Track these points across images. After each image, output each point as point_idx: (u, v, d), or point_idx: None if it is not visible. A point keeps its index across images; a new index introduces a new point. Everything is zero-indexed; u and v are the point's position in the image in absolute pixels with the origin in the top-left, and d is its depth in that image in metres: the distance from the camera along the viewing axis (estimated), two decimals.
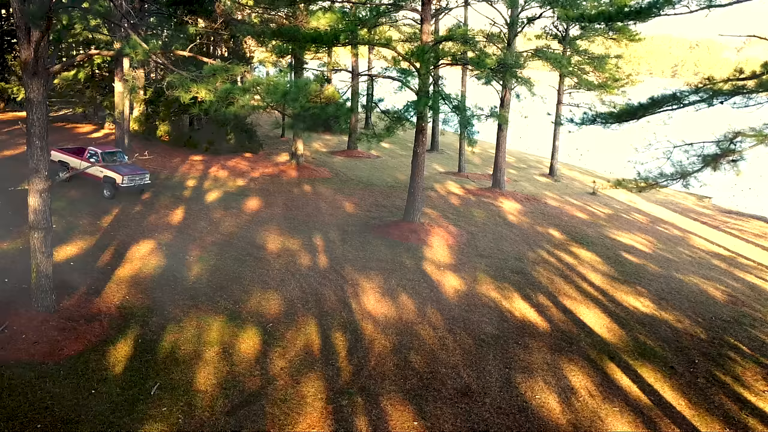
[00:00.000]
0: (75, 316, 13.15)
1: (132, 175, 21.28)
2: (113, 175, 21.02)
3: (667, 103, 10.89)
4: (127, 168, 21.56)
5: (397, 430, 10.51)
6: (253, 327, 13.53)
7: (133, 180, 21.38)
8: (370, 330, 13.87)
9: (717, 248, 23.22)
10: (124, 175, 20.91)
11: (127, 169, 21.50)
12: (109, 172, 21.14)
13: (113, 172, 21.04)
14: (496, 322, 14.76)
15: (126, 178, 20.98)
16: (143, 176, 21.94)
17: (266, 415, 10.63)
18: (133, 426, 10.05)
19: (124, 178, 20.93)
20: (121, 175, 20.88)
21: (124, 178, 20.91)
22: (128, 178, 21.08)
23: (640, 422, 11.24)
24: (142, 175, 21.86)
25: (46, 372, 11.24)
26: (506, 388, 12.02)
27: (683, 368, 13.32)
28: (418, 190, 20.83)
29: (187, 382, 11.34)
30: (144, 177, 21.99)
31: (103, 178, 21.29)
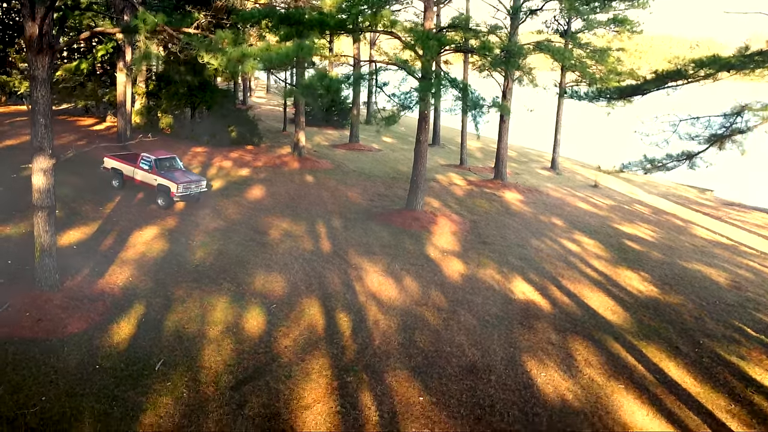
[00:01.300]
0: (78, 296, 13.13)
1: (188, 183, 19.62)
2: (168, 184, 19.37)
3: (672, 78, 10.88)
4: (182, 175, 19.99)
5: (403, 404, 10.49)
6: (256, 307, 13.50)
7: (189, 188, 19.66)
8: (374, 311, 13.84)
9: (719, 238, 23.19)
10: (179, 184, 19.25)
11: (182, 176, 19.89)
12: (163, 180, 19.53)
13: (168, 180, 19.41)
14: (500, 304, 14.73)
15: (181, 187, 19.29)
16: (199, 184, 20.16)
17: (271, 390, 10.60)
18: (137, 399, 10.02)
19: (179, 187, 19.24)
20: (176, 184, 19.22)
21: (179, 187, 19.22)
22: (183, 187, 19.37)
23: (645, 398, 11.21)
24: (198, 183, 20.09)
25: (50, 348, 11.21)
26: (511, 366, 12.00)
27: (688, 348, 13.29)
28: (421, 178, 20.81)
29: (192, 359, 11.32)
30: (200, 184, 20.20)
31: (156, 186, 19.73)
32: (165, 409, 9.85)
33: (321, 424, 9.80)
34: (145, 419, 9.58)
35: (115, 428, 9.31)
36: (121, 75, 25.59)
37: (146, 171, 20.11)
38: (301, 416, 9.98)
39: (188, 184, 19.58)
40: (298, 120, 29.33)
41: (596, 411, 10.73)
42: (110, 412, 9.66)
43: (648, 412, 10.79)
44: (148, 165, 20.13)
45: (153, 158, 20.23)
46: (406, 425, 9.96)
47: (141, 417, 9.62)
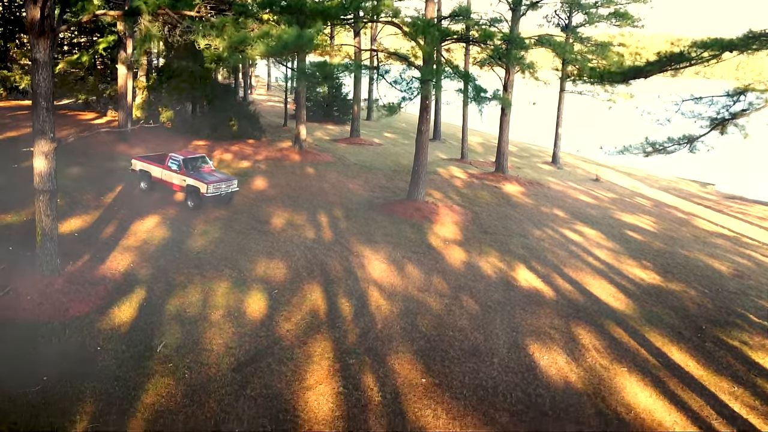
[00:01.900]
0: (80, 280, 13.09)
1: (218, 183, 18.77)
2: (197, 184, 18.52)
3: (675, 61, 10.84)
4: (212, 175, 19.19)
5: (405, 386, 10.45)
6: (258, 292, 13.47)
7: (219, 188, 18.80)
8: (376, 296, 13.81)
9: (721, 229, 23.15)
10: (209, 184, 18.38)
11: (212, 176, 19.11)
12: (192, 180, 18.67)
13: (197, 180, 18.56)
14: (503, 291, 14.69)
15: (211, 187, 18.41)
16: (230, 183, 19.36)
17: (273, 372, 10.56)
18: (139, 380, 9.99)
19: (209, 187, 18.37)
20: (205, 184, 18.35)
21: (209, 187, 18.35)
22: (213, 187, 18.51)
23: (648, 381, 11.17)
24: (228, 183, 19.28)
25: (52, 330, 11.18)
26: (514, 349, 11.96)
27: (690, 333, 13.25)
28: (422, 168, 20.78)
29: (193, 342, 11.29)
30: (231, 184, 19.41)
31: (186, 187, 18.92)
32: (166, 389, 9.82)
33: (323, 405, 9.77)
34: (147, 399, 9.55)
35: (117, 407, 9.27)
36: (122, 67, 25.57)
37: (175, 171, 19.29)
38: (303, 397, 9.95)
39: (218, 183, 18.78)
40: (299, 114, 29.31)
41: (599, 392, 10.70)
42: (112, 392, 9.63)
43: (651, 394, 10.75)
44: (177, 165, 19.29)
45: (181, 158, 19.41)
46: (409, 406, 9.92)
47: (142, 397, 9.58)
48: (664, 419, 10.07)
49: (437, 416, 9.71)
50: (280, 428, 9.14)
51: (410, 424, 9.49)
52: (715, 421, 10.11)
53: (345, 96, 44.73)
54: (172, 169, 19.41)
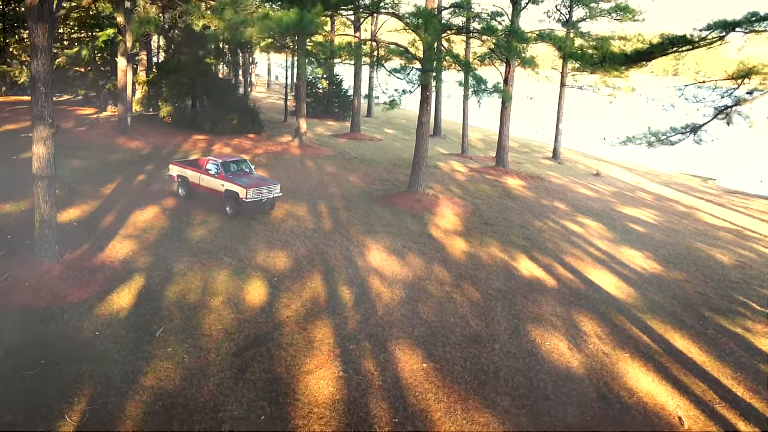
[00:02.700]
0: (78, 267, 13.02)
1: (258, 187, 17.45)
2: (235, 189, 17.25)
3: (679, 43, 10.76)
4: (251, 179, 17.97)
5: (406, 371, 10.37)
6: (258, 280, 13.39)
7: (260, 193, 17.45)
8: (377, 284, 13.73)
9: (723, 222, 23.07)
10: (248, 188, 17.12)
11: (251, 180, 17.87)
12: (230, 185, 17.42)
13: (235, 185, 17.32)
14: (504, 279, 14.62)
15: (250, 192, 17.11)
16: (272, 188, 17.97)
17: (273, 357, 10.48)
18: (138, 364, 9.91)
19: (249, 192, 17.06)
20: (245, 188, 17.10)
21: (248, 192, 17.05)
22: (253, 192, 17.19)
23: (650, 366, 11.09)
24: (270, 187, 17.89)
25: (50, 315, 11.11)
26: (515, 335, 11.88)
27: (693, 321, 13.17)
28: (423, 160, 20.71)
29: (192, 327, 11.21)
30: (273, 189, 17.99)
31: (224, 192, 17.60)
32: (165, 373, 9.74)
33: (323, 388, 9.69)
34: (146, 381, 9.47)
35: (116, 390, 9.19)
36: (121, 60, 25.50)
37: (212, 176, 18.03)
38: (303, 381, 9.87)
39: (259, 188, 17.43)
40: (300, 107, 29.25)
41: (602, 377, 10.61)
42: (110, 375, 9.55)
43: (654, 379, 10.67)
44: (215, 169, 18.05)
45: (219, 161, 18.26)
46: (410, 390, 9.84)
47: (141, 379, 9.50)
48: (666, 403, 9.99)
49: (438, 399, 9.63)
50: (279, 411, 9.07)
51: (411, 407, 9.41)
52: (718, 405, 10.03)
53: (345, 92, 44.68)
54: (210, 173, 18.15)
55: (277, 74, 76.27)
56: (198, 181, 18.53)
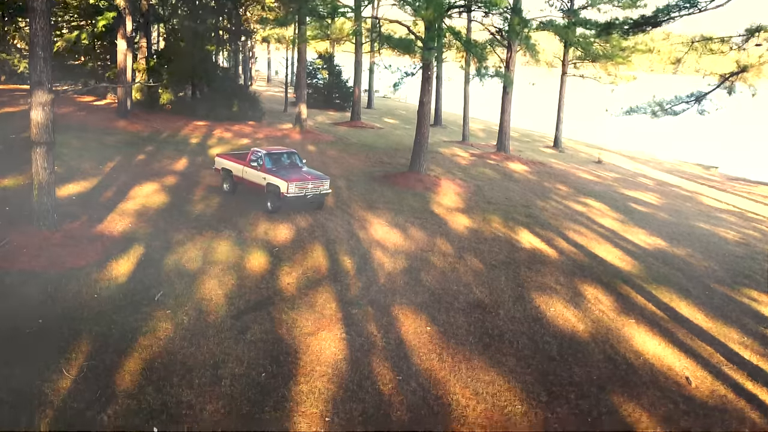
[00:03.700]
0: (77, 236, 12.88)
1: (302, 181, 15.65)
2: (277, 183, 15.51)
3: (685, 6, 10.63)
4: (297, 173, 16.19)
5: (410, 333, 10.23)
6: (259, 250, 13.25)
7: (304, 188, 15.65)
8: (379, 254, 13.59)
9: (725, 206, 22.94)
10: (290, 182, 15.32)
11: (297, 173, 16.09)
12: (273, 178, 15.68)
13: (278, 178, 15.58)
14: (507, 252, 14.48)
15: (293, 186, 15.31)
16: (319, 184, 16.08)
17: (274, 320, 10.34)
18: (136, 324, 9.76)
19: (290, 186, 15.27)
20: (286, 182, 15.33)
21: (290, 186, 15.26)
22: (296, 186, 15.40)
23: (656, 331, 10.95)
24: (317, 183, 16.03)
25: (48, 280, 10.95)
26: (519, 302, 11.74)
27: (698, 291, 13.04)
28: (424, 140, 20.57)
29: (192, 292, 11.06)
30: (321, 185, 16.12)
31: (266, 186, 15.90)
32: (164, 333, 9.59)
33: (325, 349, 9.54)
34: (144, 341, 9.32)
35: (114, 347, 9.05)
36: (121, 42, 25.35)
37: (255, 168, 16.39)
38: (305, 341, 9.72)
39: (303, 182, 15.67)
40: (300, 93, 29.12)
41: (608, 340, 10.47)
42: (108, 334, 9.41)
43: (660, 343, 10.54)
44: (258, 161, 16.42)
45: (263, 152, 16.58)
46: (414, 351, 9.70)
47: (140, 339, 9.36)
48: (673, 364, 9.85)
49: (443, 360, 9.49)
50: (281, 369, 8.92)
51: (415, 366, 9.27)
52: (725, 367, 9.89)
53: (345, 82, 44.52)
54: (252, 166, 16.51)
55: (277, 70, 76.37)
56: (241, 174, 16.90)
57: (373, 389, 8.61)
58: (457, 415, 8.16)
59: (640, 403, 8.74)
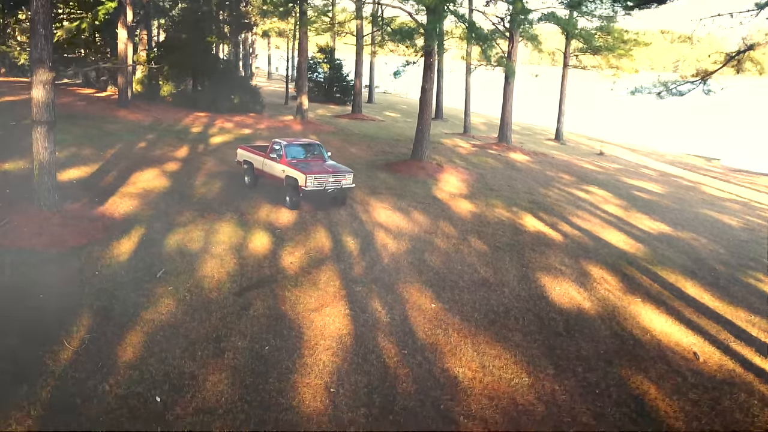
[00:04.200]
0: (78, 216, 12.78)
1: (323, 174, 14.53)
2: (295, 175, 14.46)
3: None
4: (318, 165, 15.02)
5: (414, 310, 10.12)
6: (261, 231, 13.15)
7: (324, 182, 14.49)
8: (382, 236, 13.49)
9: (728, 195, 22.84)
10: (308, 174, 14.23)
11: (318, 166, 14.95)
12: (291, 170, 14.65)
13: (296, 170, 14.51)
14: (510, 234, 14.38)
15: (311, 179, 14.21)
16: (342, 177, 14.80)
17: (277, 296, 10.24)
18: (138, 299, 9.66)
19: (309, 178, 14.19)
20: (304, 175, 14.23)
21: (308, 179, 14.18)
22: (314, 179, 14.28)
23: (663, 310, 10.86)
24: (339, 176, 14.75)
25: (49, 258, 10.86)
26: (524, 281, 11.64)
27: (704, 272, 12.94)
28: (426, 127, 20.46)
29: (194, 270, 10.96)
30: (343, 179, 14.83)
31: (284, 179, 14.92)
32: (166, 308, 9.49)
33: (329, 324, 9.44)
34: (146, 315, 9.22)
35: (115, 321, 8.95)
36: (122, 31, 25.24)
37: (275, 160, 15.37)
38: (309, 317, 9.62)
39: (323, 176, 14.51)
40: (301, 83, 29.02)
41: (614, 317, 10.38)
42: (110, 308, 9.31)
43: (667, 320, 10.44)
44: (277, 153, 15.40)
45: (284, 143, 15.60)
46: (419, 326, 9.60)
47: (141, 313, 9.26)
48: (681, 340, 9.75)
49: (448, 335, 9.39)
50: (284, 343, 8.82)
51: (420, 341, 9.17)
52: (733, 343, 9.79)
53: (346, 77, 44.42)
54: (272, 157, 15.55)
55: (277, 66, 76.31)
56: (261, 166, 15.95)
57: (378, 362, 8.51)
58: (464, 386, 8.06)
59: (648, 376, 8.64)
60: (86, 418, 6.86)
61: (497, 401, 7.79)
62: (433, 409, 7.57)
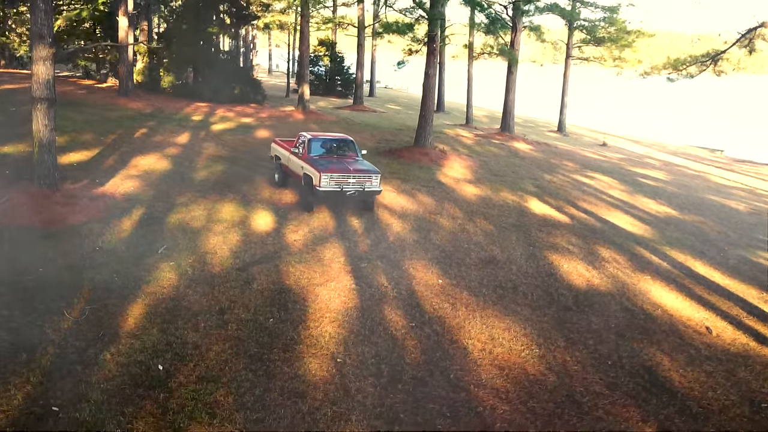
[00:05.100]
0: (78, 195, 12.59)
1: (341, 174, 12.69)
2: (311, 173, 12.90)
3: None
4: (339, 163, 13.25)
5: (421, 285, 9.94)
6: (264, 210, 12.97)
7: (343, 182, 12.63)
8: (386, 216, 13.30)
9: (734, 183, 22.66)
10: (323, 173, 12.51)
11: (339, 164, 13.16)
12: (309, 167, 13.07)
13: (313, 168, 12.87)
14: (516, 216, 14.20)
15: (326, 178, 12.47)
16: (365, 179, 12.85)
17: (281, 272, 10.05)
18: (139, 274, 9.48)
19: (323, 178, 12.46)
20: (319, 173, 12.56)
21: (322, 178, 12.46)
22: (331, 179, 12.52)
23: (673, 287, 10.68)
24: (362, 178, 12.83)
25: (49, 234, 10.67)
26: (532, 259, 11.46)
27: (713, 253, 12.77)
28: (429, 113, 20.27)
29: (196, 246, 10.78)
30: (366, 180, 12.86)
31: (302, 177, 13.43)
32: (168, 282, 9.31)
33: (335, 298, 9.26)
34: (148, 289, 9.03)
35: (116, 294, 8.76)
36: (123, 19, 25.02)
37: (297, 156, 13.87)
38: (313, 291, 9.44)
39: (342, 175, 12.68)
40: (303, 73, 28.84)
41: (624, 294, 10.20)
42: (111, 282, 9.12)
43: (677, 297, 10.26)
44: (301, 147, 13.91)
45: (309, 136, 14.10)
46: (426, 300, 9.42)
47: (143, 287, 9.07)
48: (692, 316, 9.57)
49: (456, 309, 9.21)
50: (289, 315, 8.64)
51: (428, 314, 8.99)
52: (746, 319, 9.62)
53: (347, 70, 44.24)
54: (293, 152, 14.14)
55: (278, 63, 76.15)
56: (287, 162, 14.48)
57: (385, 334, 8.33)
58: (473, 357, 7.88)
59: (661, 348, 8.46)
60: (86, 384, 6.67)
61: (508, 371, 7.61)
62: (443, 378, 7.39)
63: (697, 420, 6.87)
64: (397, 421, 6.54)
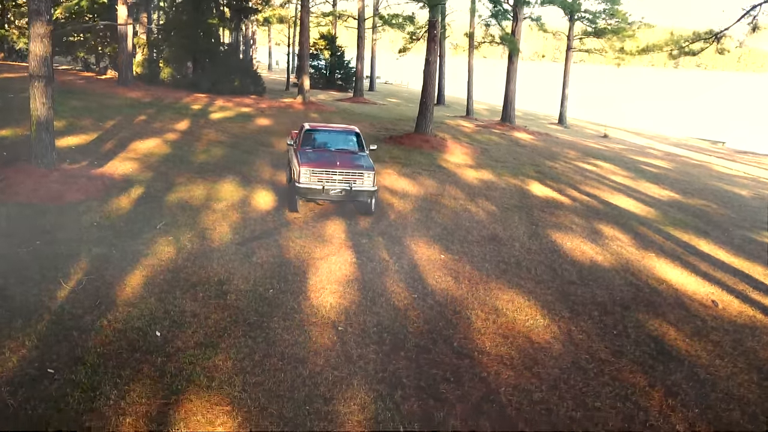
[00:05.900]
0: (76, 175, 12.45)
1: (324, 169, 11.07)
2: (294, 166, 11.66)
3: None
4: (329, 158, 11.57)
5: (423, 260, 9.81)
6: (264, 190, 12.84)
7: (327, 179, 11.04)
8: (387, 197, 13.18)
9: (736, 172, 22.54)
10: (302, 166, 11.09)
11: (325, 159, 11.51)
12: (294, 160, 11.83)
13: (296, 160, 11.47)
14: (519, 198, 14.08)
15: (306, 172, 11.01)
16: (355, 176, 11.11)
17: (281, 246, 9.92)
18: (138, 248, 9.34)
19: (302, 172, 11.03)
20: (299, 165, 11.15)
21: (302, 172, 11.03)
22: (312, 173, 11.01)
23: (678, 263, 10.56)
24: (350, 174, 11.11)
25: (47, 210, 10.54)
26: (535, 237, 11.34)
27: (717, 233, 12.65)
28: (430, 100, 20.15)
29: (195, 223, 10.65)
30: (357, 178, 11.11)
31: (291, 170, 12.29)
32: (167, 256, 9.17)
33: (336, 271, 9.13)
34: (146, 261, 8.90)
35: (114, 266, 8.63)
36: (122, 8, 24.91)
37: (292, 148, 12.57)
38: (314, 264, 9.31)
39: (330, 171, 11.07)
40: (303, 64, 28.74)
41: (629, 269, 10.07)
42: (109, 255, 8.98)
43: (682, 272, 10.14)
44: (296, 139, 12.70)
45: (307, 126, 12.75)
46: (429, 274, 9.29)
47: (141, 259, 8.94)
48: (698, 290, 9.45)
49: (459, 281, 9.08)
50: (289, 286, 8.50)
51: (431, 286, 8.85)
52: (752, 293, 9.50)
53: (347, 63, 44.14)
54: (289, 144, 12.83)
55: (278, 60, 76.09)
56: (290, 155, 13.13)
57: (387, 305, 8.19)
58: (477, 327, 7.75)
59: (667, 320, 8.33)
60: (83, 349, 6.54)
61: (512, 340, 7.48)
62: (447, 346, 7.26)
63: (704, 386, 6.75)
64: (399, 386, 6.42)
